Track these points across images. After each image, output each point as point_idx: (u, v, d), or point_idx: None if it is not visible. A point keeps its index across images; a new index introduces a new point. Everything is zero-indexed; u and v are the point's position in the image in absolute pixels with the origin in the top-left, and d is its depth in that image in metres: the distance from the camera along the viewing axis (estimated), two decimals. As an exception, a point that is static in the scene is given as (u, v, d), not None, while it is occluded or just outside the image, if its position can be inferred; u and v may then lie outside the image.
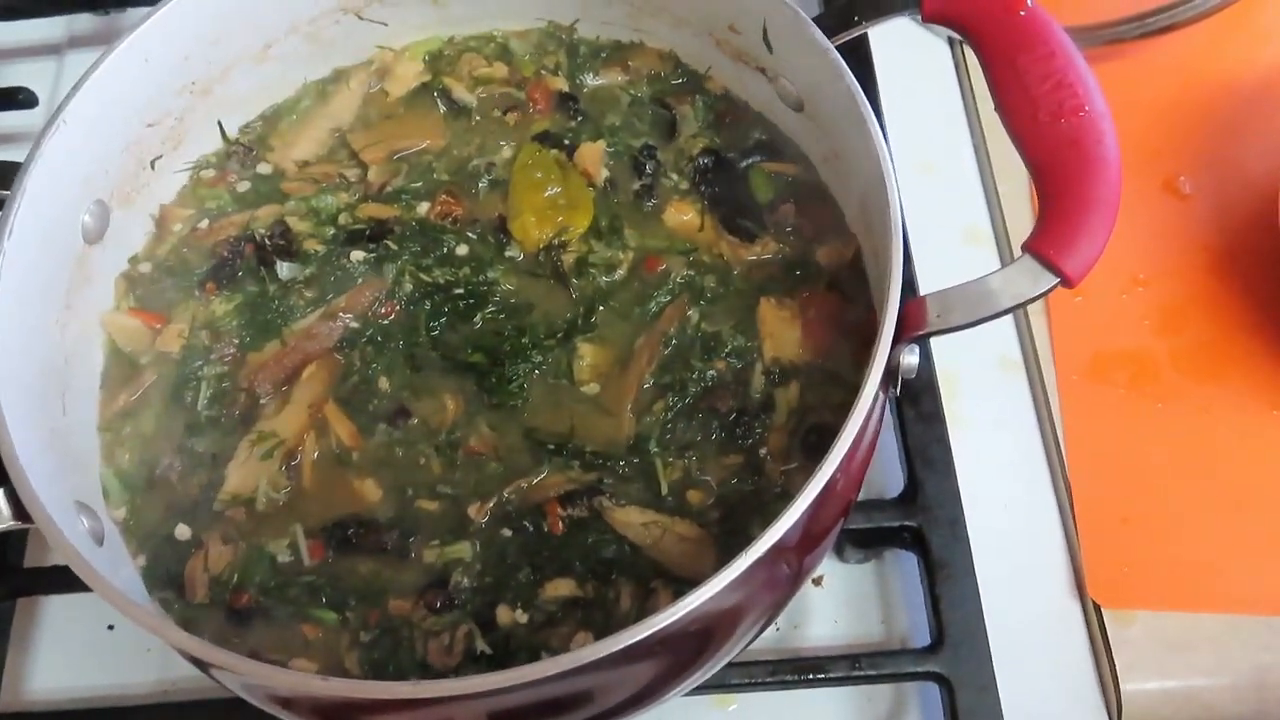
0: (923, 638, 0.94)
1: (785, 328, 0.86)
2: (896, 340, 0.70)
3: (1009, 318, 1.14)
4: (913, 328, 0.71)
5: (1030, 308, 1.11)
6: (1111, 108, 1.19)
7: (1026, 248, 0.69)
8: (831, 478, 0.66)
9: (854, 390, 0.82)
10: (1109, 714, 0.93)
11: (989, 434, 1.05)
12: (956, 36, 1.22)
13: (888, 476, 1.01)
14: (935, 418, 0.99)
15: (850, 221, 0.91)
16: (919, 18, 0.79)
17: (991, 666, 0.90)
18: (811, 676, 0.90)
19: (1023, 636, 0.95)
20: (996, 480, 1.03)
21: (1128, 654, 0.94)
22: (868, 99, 0.76)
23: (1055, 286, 0.68)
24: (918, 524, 0.96)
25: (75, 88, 0.79)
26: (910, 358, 0.73)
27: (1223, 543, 0.98)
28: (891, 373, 0.71)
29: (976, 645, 0.91)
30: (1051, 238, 0.68)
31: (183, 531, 0.81)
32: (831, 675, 0.90)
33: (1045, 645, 0.95)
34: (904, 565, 1.00)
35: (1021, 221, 1.17)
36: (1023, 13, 0.73)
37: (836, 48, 0.80)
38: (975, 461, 1.01)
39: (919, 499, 0.97)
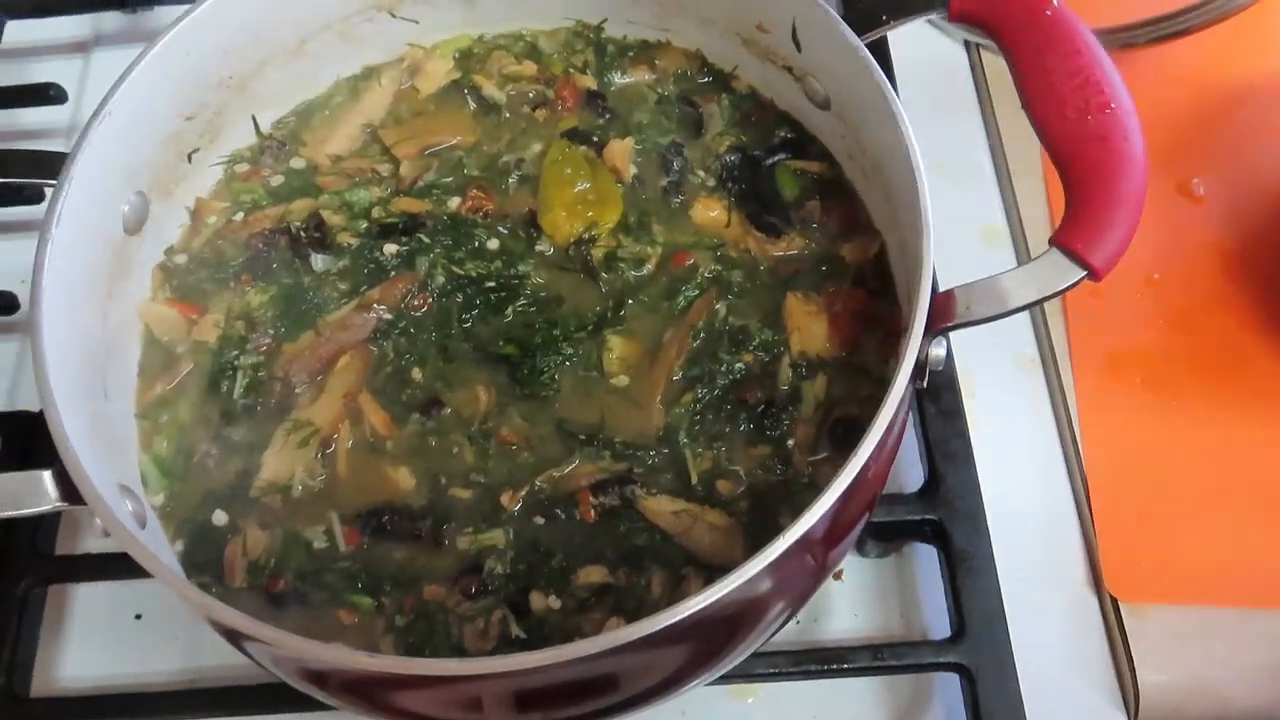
0: (943, 630, 0.95)
1: (812, 322, 0.88)
2: (926, 332, 0.71)
3: (1026, 316, 1.15)
4: (941, 320, 0.72)
5: (1048, 306, 1.13)
6: (1126, 111, 1.23)
7: (1054, 241, 0.71)
8: (863, 468, 0.67)
9: (880, 383, 0.85)
10: (1126, 705, 0.95)
11: (1008, 430, 1.07)
12: (977, 39, 1.25)
13: (908, 471, 1.03)
14: (955, 413, 1.01)
15: (875, 218, 0.92)
16: (945, 16, 0.81)
17: (1012, 657, 0.91)
18: (834, 667, 0.92)
19: (1042, 628, 0.96)
20: (1015, 476, 1.04)
21: (1144, 646, 0.95)
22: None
23: (1083, 279, 0.70)
24: (939, 517, 0.97)
25: (121, 78, 0.81)
26: (938, 350, 0.75)
27: (1237, 537, 1.00)
28: (920, 365, 0.72)
29: (997, 636, 0.92)
30: (1079, 231, 0.69)
31: (220, 518, 0.83)
32: (854, 665, 0.91)
33: (1064, 637, 0.97)
34: (922, 560, 1.01)
35: (1038, 222, 1.18)
36: (1049, 11, 0.75)
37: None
38: (994, 457, 1.03)
39: (940, 492, 0.98)
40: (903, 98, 1.17)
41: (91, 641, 0.98)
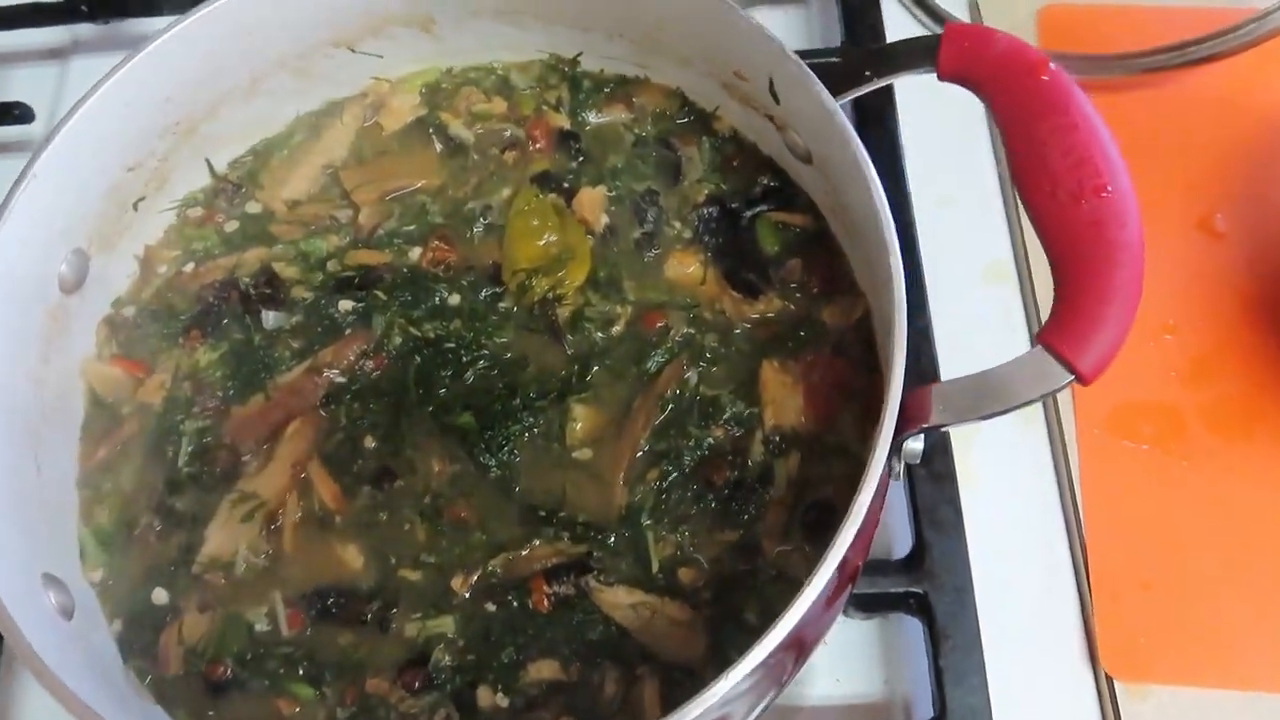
0: (925, 705, 0.90)
1: (787, 394, 0.82)
2: (898, 433, 0.66)
3: (1016, 348, 1.08)
4: (916, 420, 0.67)
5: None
6: (1146, 139, 1.14)
7: (1040, 340, 0.65)
8: (829, 580, 0.62)
9: (858, 462, 0.79)
10: (1116, 786, 0.90)
11: (1003, 487, 1.01)
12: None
13: (894, 535, 0.97)
14: (947, 478, 0.95)
15: (859, 279, 0.86)
16: (935, 75, 0.74)
17: (998, 751, 0.86)
18: (806, 751, 0.87)
19: (1031, 709, 0.91)
20: (1009, 539, 0.98)
21: (1139, 722, 0.90)
22: (888, 130, 0.70)
23: (1068, 384, 0.64)
24: (923, 590, 0.92)
25: (46, 141, 0.76)
26: (914, 444, 0.69)
27: (1248, 614, 0.94)
28: (892, 463, 0.67)
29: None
30: (1067, 331, 0.63)
31: (160, 596, 0.79)
32: (826, 750, 0.87)
33: (1053, 717, 0.92)
34: (908, 627, 0.96)
35: (1045, 259, 1.11)
36: (1045, 77, 0.68)
37: (853, 99, 0.75)
38: (988, 517, 0.97)
39: (926, 563, 0.93)
40: (906, 125, 1.12)
41: None
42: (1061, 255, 0.65)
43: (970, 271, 1.13)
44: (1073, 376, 0.63)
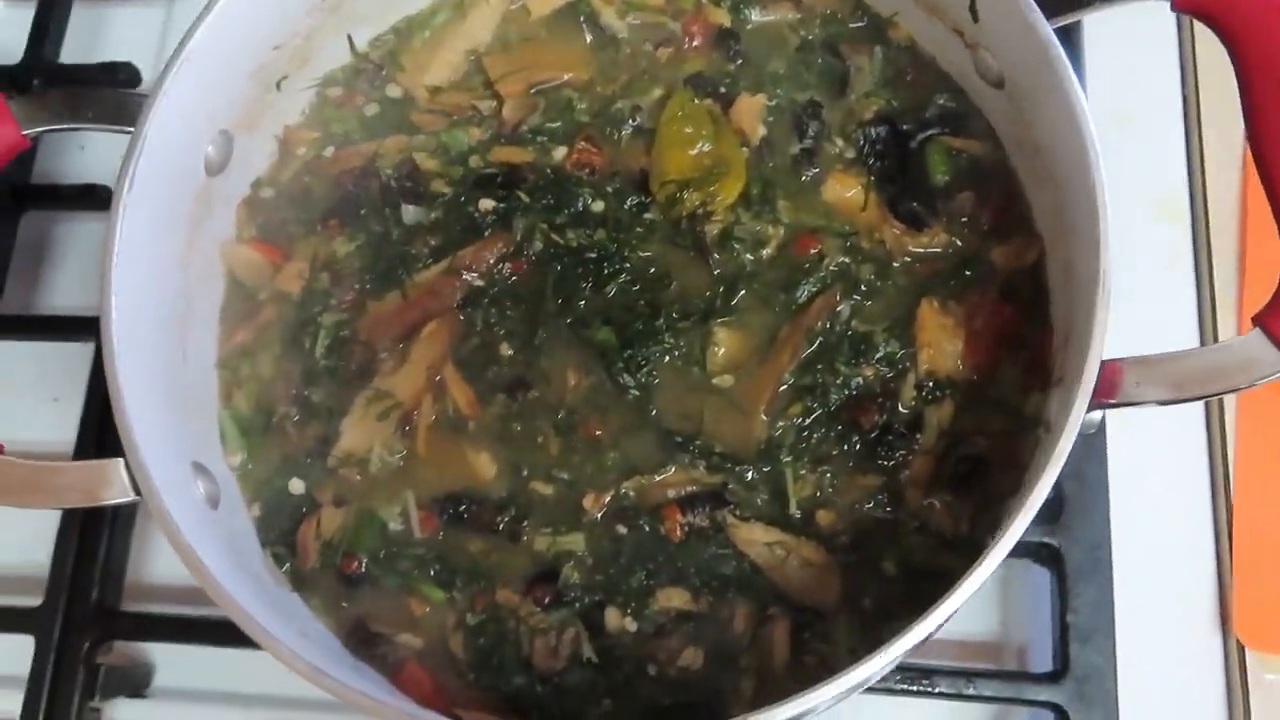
0: (1043, 657, 0.88)
1: (946, 337, 0.78)
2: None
3: (1189, 306, 1.01)
4: (1102, 394, 0.62)
5: (1221, 306, 0.99)
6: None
7: (1257, 320, 0.59)
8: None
9: (1016, 419, 0.76)
10: (1232, 750, 0.88)
11: (1150, 440, 0.96)
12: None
13: (1029, 482, 0.93)
14: (1095, 433, 0.90)
15: (1038, 219, 0.80)
16: (1166, 4, 0.65)
17: (1117, 708, 0.84)
18: (919, 688, 0.86)
19: (1154, 669, 0.89)
20: (1150, 492, 0.94)
21: (1267, 702, 0.87)
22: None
23: (1285, 374, 0.58)
24: (1057, 543, 0.89)
25: (198, 20, 0.73)
26: (1093, 414, 0.65)
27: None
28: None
29: (1104, 683, 0.85)
30: (1296, 315, 0.57)
31: (296, 486, 0.80)
32: (941, 691, 0.86)
33: (1178, 682, 0.89)
34: (1035, 571, 0.93)
35: (1226, 201, 1.02)
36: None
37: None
38: (1130, 469, 0.93)
39: (1063, 516, 0.89)
40: (1088, 28, 1.01)
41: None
42: (1298, 226, 0.58)
43: (1139, 206, 1.04)
44: (1293, 368, 0.57)
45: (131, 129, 0.72)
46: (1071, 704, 0.84)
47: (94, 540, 0.93)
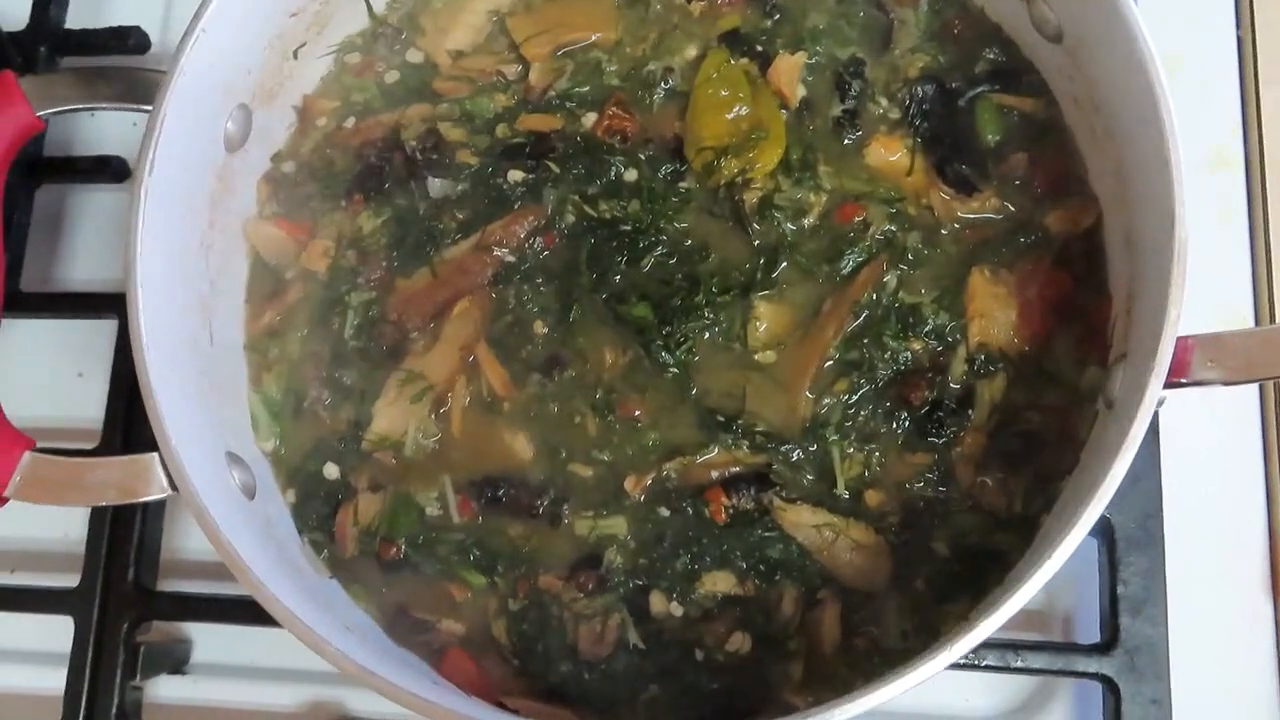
0: (1089, 628, 0.87)
1: (998, 307, 0.75)
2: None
3: (1243, 261, 0.97)
4: (1172, 373, 0.59)
5: (1277, 263, 0.95)
6: None
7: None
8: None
9: (1071, 392, 0.73)
10: (1282, 715, 0.86)
11: (1203, 406, 0.93)
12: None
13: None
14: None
15: (1094, 181, 0.76)
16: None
17: (1169, 679, 0.83)
18: (964, 661, 0.85)
19: (1204, 639, 0.87)
20: (1202, 459, 0.91)
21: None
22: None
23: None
24: (1107, 513, 0.86)
25: (211, -8, 0.69)
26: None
27: None
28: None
29: (1156, 654, 0.83)
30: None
31: (331, 471, 0.79)
32: (988, 664, 0.84)
33: (1228, 648, 0.88)
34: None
35: (1282, 148, 0.97)
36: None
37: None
38: (1182, 436, 0.90)
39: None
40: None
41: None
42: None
43: (1191, 155, 0.99)
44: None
45: (148, 107, 0.69)
46: (1122, 676, 0.83)
47: (128, 519, 0.92)
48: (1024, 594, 0.56)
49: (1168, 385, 0.59)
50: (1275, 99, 0.98)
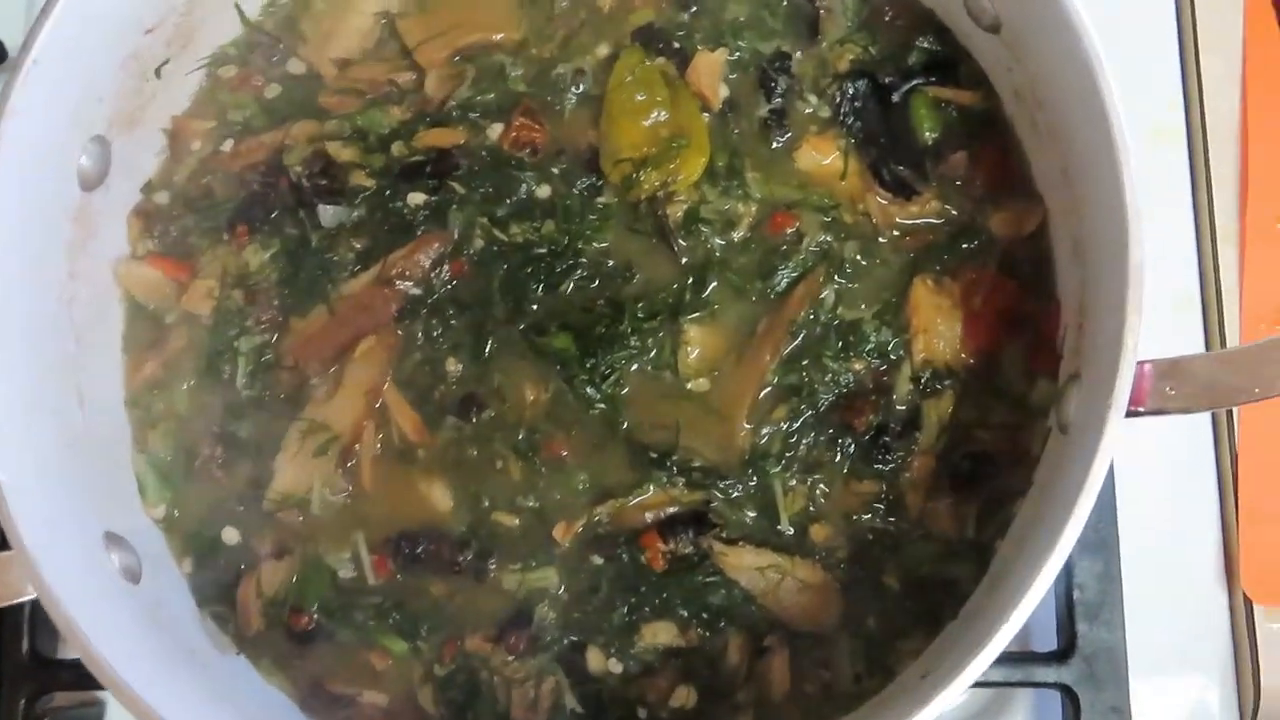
0: (1046, 634, 0.84)
1: (942, 319, 0.70)
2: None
3: (1187, 234, 0.94)
4: (1131, 400, 0.55)
5: (1222, 237, 0.92)
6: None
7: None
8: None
9: (1021, 405, 0.69)
10: (1242, 710, 0.85)
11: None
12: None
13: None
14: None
15: (1039, 179, 0.71)
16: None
17: (1128, 685, 0.80)
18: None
19: (1162, 639, 0.85)
20: (1152, 455, 0.88)
21: (1276, 653, 0.84)
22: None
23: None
24: (1060, 517, 0.83)
25: (41, 15, 0.60)
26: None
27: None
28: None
29: (1114, 660, 0.81)
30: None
31: (230, 535, 0.73)
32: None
33: (1186, 650, 0.86)
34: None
35: (1225, 119, 0.94)
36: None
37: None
38: (1131, 435, 0.87)
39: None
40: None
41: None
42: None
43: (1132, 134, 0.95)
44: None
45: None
46: (1080, 685, 0.81)
47: (18, 585, 0.85)
48: (993, 648, 0.52)
49: (1133, 414, 0.55)
50: (1214, 70, 0.94)
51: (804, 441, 0.70)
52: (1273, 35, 0.90)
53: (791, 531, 0.69)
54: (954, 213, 0.72)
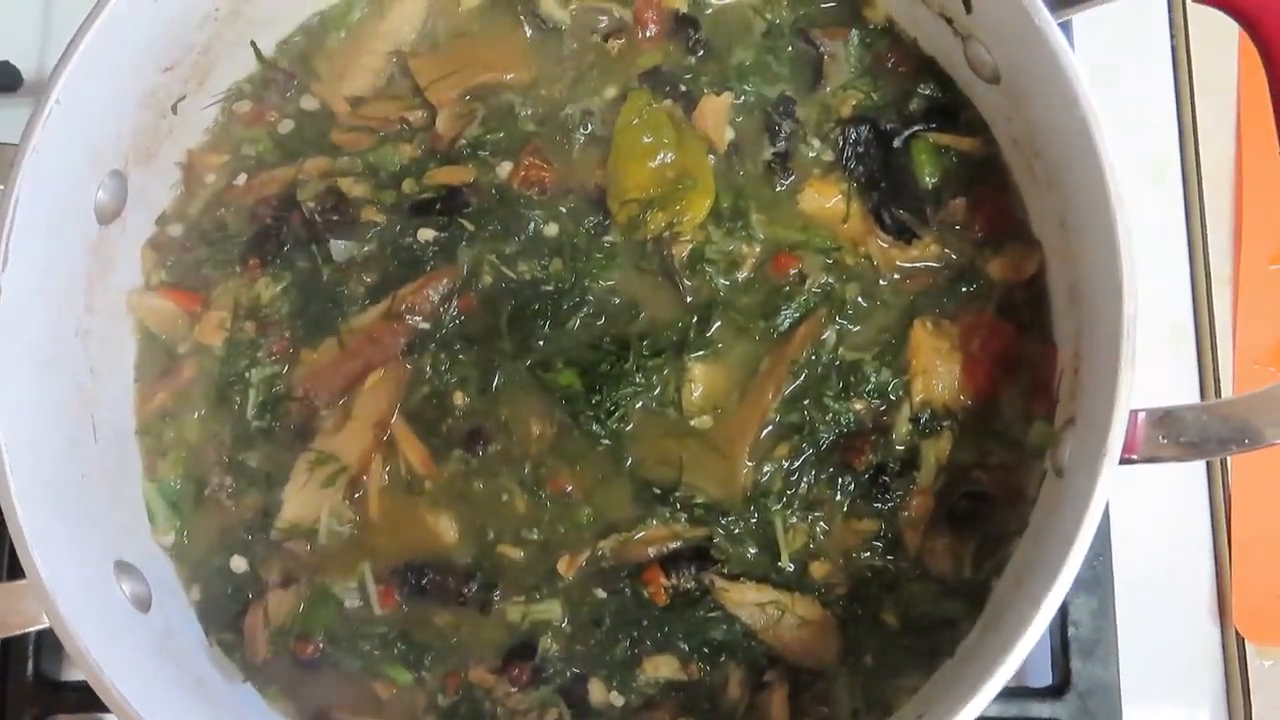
0: (1041, 669, 0.85)
1: (941, 361, 0.71)
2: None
3: (1182, 276, 0.95)
4: (1124, 449, 0.56)
5: (1217, 279, 0.93)
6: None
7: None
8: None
9: (1018, 447, 0.70)
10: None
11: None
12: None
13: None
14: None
15: (1036, 225, 0.72)
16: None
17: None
18: (917, 710, 0.83)
19: (1156, 674, 0.86)
20: (1147, 491, 0.89)
21: (1267, 689, 0.85)
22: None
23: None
24: (1056, 554, 0.84)
25: (63, 58, 0.62)
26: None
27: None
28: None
29: (1109, 697, 0.82)
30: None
31: (238, 564, 0.73)
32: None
33: (1179, 685, 0.87)
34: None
35: (1220, 159, 0.95)
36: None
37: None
38: (1125, 472, 0.88)
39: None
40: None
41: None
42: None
43: (1129, 172, 0.96)
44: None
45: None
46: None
47: (24, 607, 0.85)
48: (989, 691, 0.53)
49: (1127, 462, 0.56)
50: (1210, 112, 0.96)
51: (805, 479, 0.71)
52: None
53: (792, 568, 0.70)
54: (953, 256, 0.73)
